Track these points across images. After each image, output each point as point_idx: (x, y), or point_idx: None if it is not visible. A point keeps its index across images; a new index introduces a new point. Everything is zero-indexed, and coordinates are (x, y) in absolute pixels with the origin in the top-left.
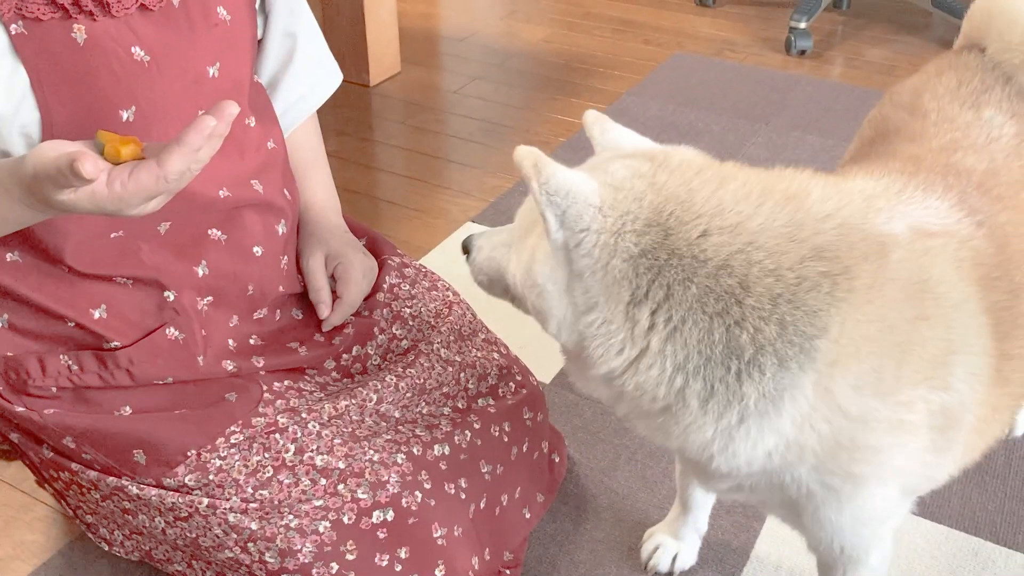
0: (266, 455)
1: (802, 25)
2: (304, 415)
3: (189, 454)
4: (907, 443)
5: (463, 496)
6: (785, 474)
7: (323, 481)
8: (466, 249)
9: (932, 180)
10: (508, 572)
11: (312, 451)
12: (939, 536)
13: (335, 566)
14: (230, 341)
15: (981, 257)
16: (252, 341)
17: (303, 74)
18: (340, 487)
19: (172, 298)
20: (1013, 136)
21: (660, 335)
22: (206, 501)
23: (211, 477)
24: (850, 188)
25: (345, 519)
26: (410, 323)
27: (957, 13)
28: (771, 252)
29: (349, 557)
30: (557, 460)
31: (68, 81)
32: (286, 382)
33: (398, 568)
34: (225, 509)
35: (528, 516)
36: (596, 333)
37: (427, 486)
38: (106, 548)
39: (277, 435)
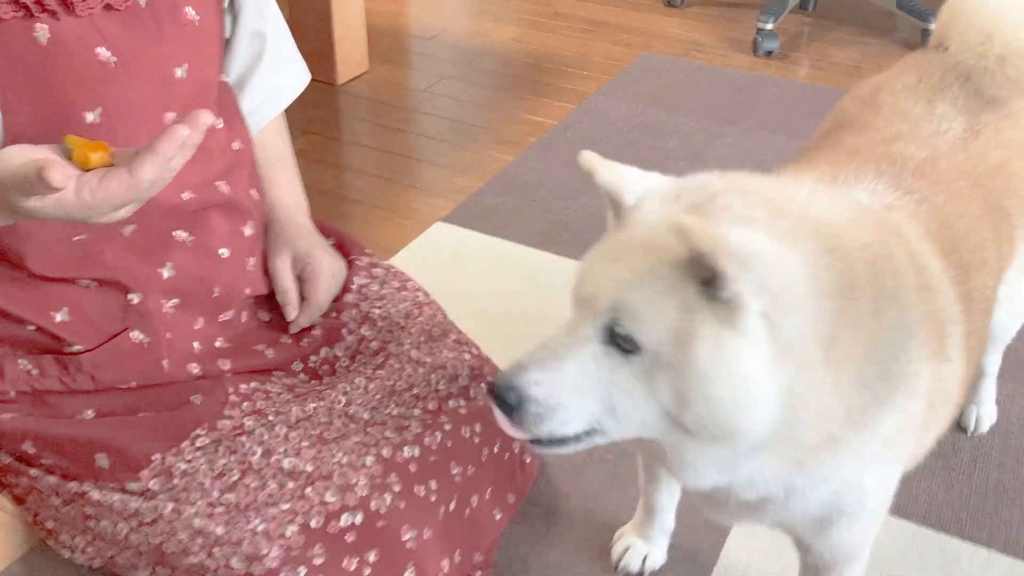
0: (232, 458)
1: (769, 26)
2: (271, 417)
3: (154, 458)
4: (921, 420)
5: (433, 498)
6: (855, 481)
7: (290, 484)
8: (511, 400)
9: (864, 168)
10: (479, 574)
11: (279, 454)
12: (906, 533)
13: (303, 570)
14: (195, 344)
15: (933, 231)
16: (218, 344)
17: (271, 74)
18: (308, 490)
19: (137, 301)
20: (962, 131)
21: (849, 359)
22: (171, 506)
23: (176, 481)
24: (799, 183)
25: (313, 523)
26: (379, 324)
27: (920, 15)
28: (852, 232)
29: (317, 561)
30: (528, 461)
31: (31, 82)
32: (252, 384)
33: (367, 572)
34: (190, 514)
35: (499, 517)
36: (806, 396)
37: (396, 488)
38: (67, 555)
39: (243, 438)
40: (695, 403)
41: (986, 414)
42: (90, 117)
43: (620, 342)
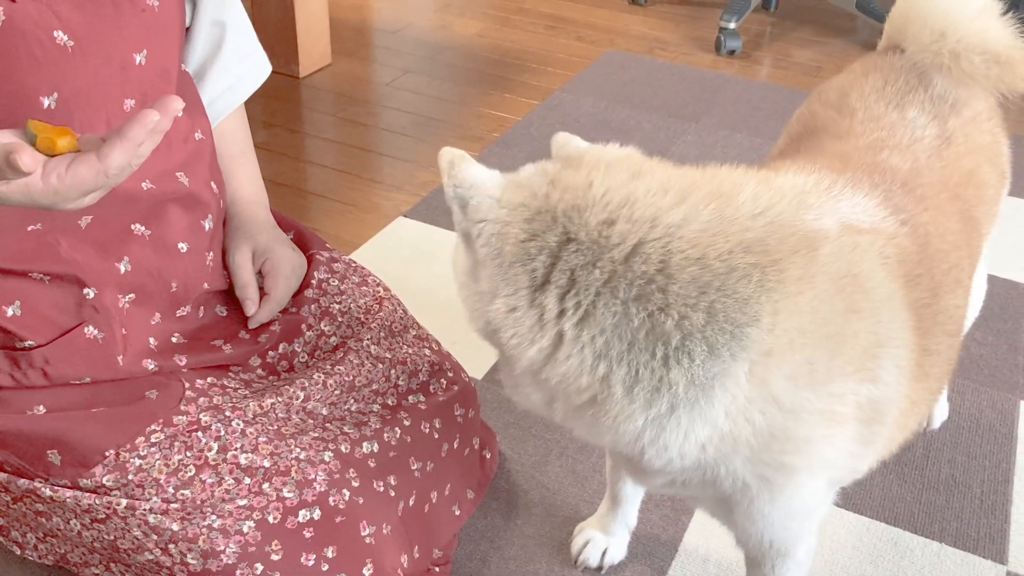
0: (188, 454)
1: (731, 25)
2: (228, 413)
3: (107, 454)
4: (836, 435)
5: (392, 494)
6: (720, 467)
7: (247, 480)
8: None
9: (859, 177)
10: (438, 569)
11: (236, 449)
12: (860, 527)
13: (260, 567)
14: (151, 339)
15: (905, 255)
16: (174, 339)
17: (231, 64)
18: (265, 486)
19: (92, 295)
20: (935, 137)
21: (571, 320)
22: (125, 502)
23: (130, 477)
24: (781, 184)
25: (270, 518)
26: (339, 319)
27: (879, 16)
28: (695, 243)
29: (274, 557)
30: (488, 456)
31: None
32: (209, 379)
33: (325, 568)
34: (145, 510)
35: (458, 513)
36: (504, 322)
37: (355, 484)
38: (18, 552)
39: (199, 433)
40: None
41: (938, 411)
42: (46, 102)
43: None
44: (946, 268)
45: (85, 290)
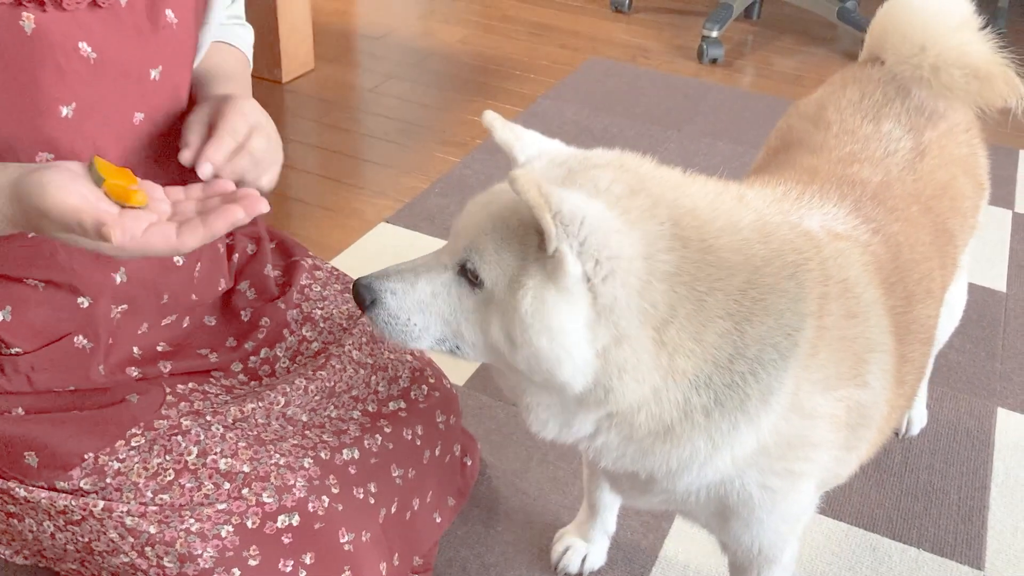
0: (167, 457)
1: (714, 34)
2: (208, 418)
3: (86, 457)
4: (835, 440)
5: (372, 501)
6: (735, 481)
7: (227, 485)
8: (365, 297)
9: (827, 189)
10: None
11: (216, 454)
12: (839, 533)
13: (237, 572)
14: (135, 349)
15: (880, 263)
16: (160, 348)
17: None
18: (244, 491)
19: (86, 305)
20: (909, 151)
21: (685, 351)
22: (101, 504)
23: (108, 480)
24: (758, 193)
25: (249, 523)
26: (321, 325)
27: (860, 26)
28: (761, 241)
29: (252, 563)
30: (469, 463)
31: (10, 70)
32: (190, 384)
33: (303, 574)
34: (122, 512)
35: (439, 520)
36: (623, 367)
37: (335, 491)
38: None
39: (179, 437)
40: (520, 346)
41: (917, 417)
42: (64, 111)
43: (468, 275)
44: (917, 278)
45: (80, 299)
